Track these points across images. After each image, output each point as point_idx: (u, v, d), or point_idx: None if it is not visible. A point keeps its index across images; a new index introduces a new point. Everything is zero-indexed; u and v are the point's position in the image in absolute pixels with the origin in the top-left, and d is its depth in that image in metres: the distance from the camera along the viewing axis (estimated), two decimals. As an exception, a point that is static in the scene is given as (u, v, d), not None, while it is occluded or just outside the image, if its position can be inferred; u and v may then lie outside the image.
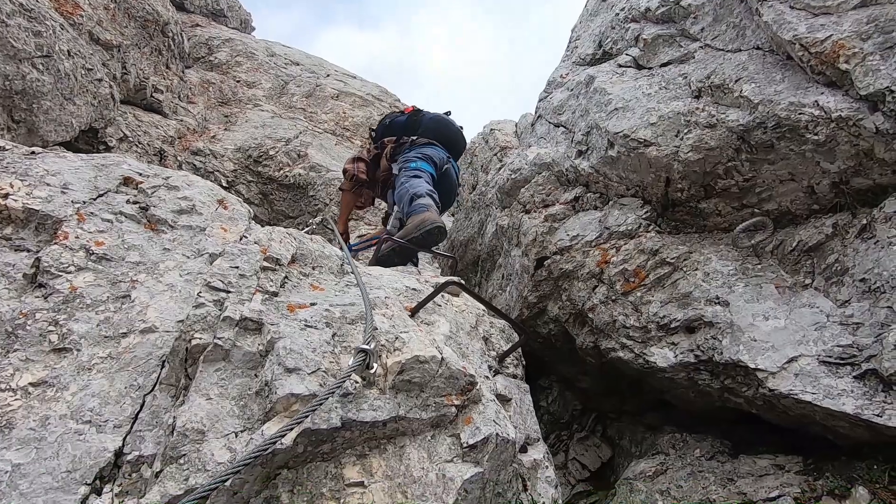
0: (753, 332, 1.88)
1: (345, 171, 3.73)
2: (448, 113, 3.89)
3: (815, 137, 1.85)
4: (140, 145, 4.59)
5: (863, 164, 1.81)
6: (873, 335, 1.60)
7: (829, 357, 1.65)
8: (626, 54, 2.95)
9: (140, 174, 1.95)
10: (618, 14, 3.17)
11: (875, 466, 1.59)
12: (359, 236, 4.86)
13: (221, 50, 6.89)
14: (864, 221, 1.81)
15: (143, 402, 1.30)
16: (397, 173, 3.30)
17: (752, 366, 1.80)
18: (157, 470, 1.15)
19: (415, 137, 3.53)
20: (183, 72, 5.77)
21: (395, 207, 3.15)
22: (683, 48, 2.61)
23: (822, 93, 1.85)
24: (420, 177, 3.12)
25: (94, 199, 1.75)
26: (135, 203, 1.81)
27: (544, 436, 3.27)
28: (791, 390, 1.67)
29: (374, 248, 3.01)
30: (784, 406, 1.76)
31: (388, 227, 3.31)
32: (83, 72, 3.67)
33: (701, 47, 2.52)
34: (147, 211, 1.80)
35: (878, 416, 1.48)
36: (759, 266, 2.09)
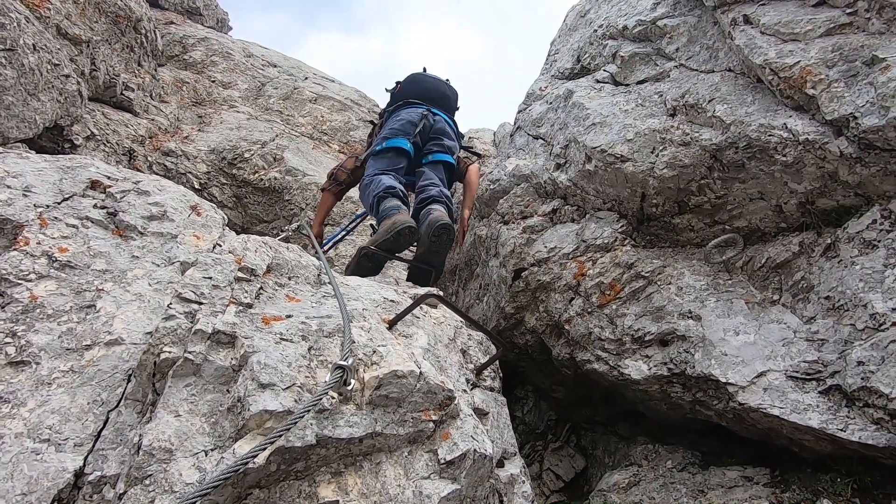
0: (724, 347, 1.93)
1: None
2: (424, 70, 3.73)
3: (784, 158, 1.92)
4: (108, 144, 4.43)
5: (828, 186, 1.89)
6: (837, 352, 1.66)
7: (796, 372, 1.71)
8: (604, 70, 3.01)
9: (108, 178, 1.88)
10: (596, 30, 3.24)
11: (839, 479, 1.64)
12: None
13: (196, 49, 6.74)
14: (829, 241, 1.88)
15: (107, 418, 1.25)
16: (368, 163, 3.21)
17: (723, 380, 1.85)
18: (121, 491, 1.09)
19: (387, 111, 3.40)
20: (156, 70, 5.61)
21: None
22: (659, 67, 2.67)
23: (791, 116, 1.92)
24: (385, 172, 3.00)
25: (59, 203, 1.67)
26: (102, 208, 1.74)
27: (519, 446, 3.28)
28: (760, 404, 1.72)
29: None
30: (753, 419, 1.80)
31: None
32: (49, 67, 3.53)
33: (676, 67, 2.59)
34: (115, 216, 1.73)
35: (841, 430, 1.54)
36: (730, 281, 2.15)
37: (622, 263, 2.42)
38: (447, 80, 3.70)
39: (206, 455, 1.17)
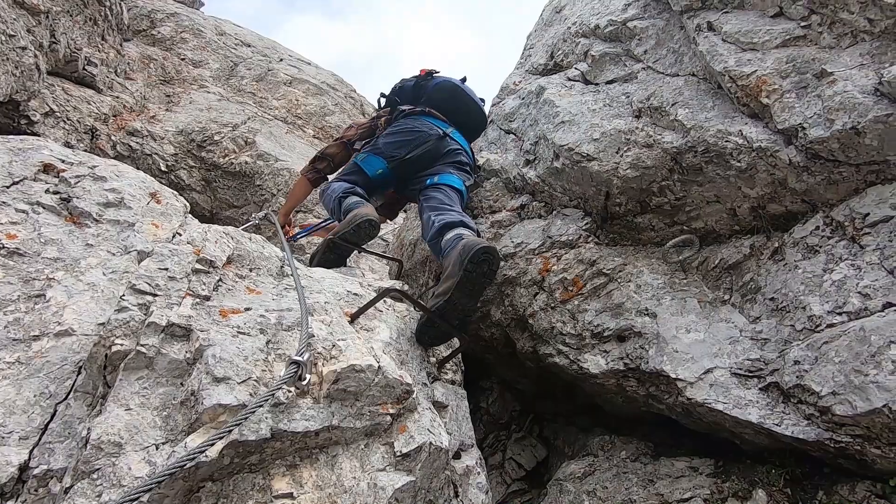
0: (676, 344, 2.01)
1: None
2: (464, 80, 3.30)
3: (739, 164, 1.99)
4: (69, 122, 4.26)
5: (777, 192, 1.97)
6: (777, 350, 1.76)
7: (740, 370, 1.80)
8: (576, 68, 3.04)
9: (63, 161, 1.82)
10: (569, 28, 3.26)
11: (773, 471, 1.75)
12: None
13: (165, 24, 6.50)
14: (776, 244, 1.97)
15: (55, 411, 1.23)
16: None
17: (673, 375, 1.93)
18: (67, 485, 1.09)
19: (405, 108, 3.06)
20: (121, 45, 5.39)
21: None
22: (628, 68, 2.72)
23: (746, 123, 1.99)
24: (341, 180, 2.91)
25: (8, 187, 1.62)
26: (55, 193, 1.69)
27: (483, 436, 3.36)
28: (706, 399, 1.80)
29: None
30: (699, 413, 1.89)
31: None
32: (4, 38, 3.36)
33: (643, 69, 2.64)
34: (69, 202, 1.69)
35: (777, 425, 1.63)
36: (685, 281, 2.23)
37: (585, 260, 2.48)
38: (482, 99, 3.34)
39: (157, 449, 1.17)
